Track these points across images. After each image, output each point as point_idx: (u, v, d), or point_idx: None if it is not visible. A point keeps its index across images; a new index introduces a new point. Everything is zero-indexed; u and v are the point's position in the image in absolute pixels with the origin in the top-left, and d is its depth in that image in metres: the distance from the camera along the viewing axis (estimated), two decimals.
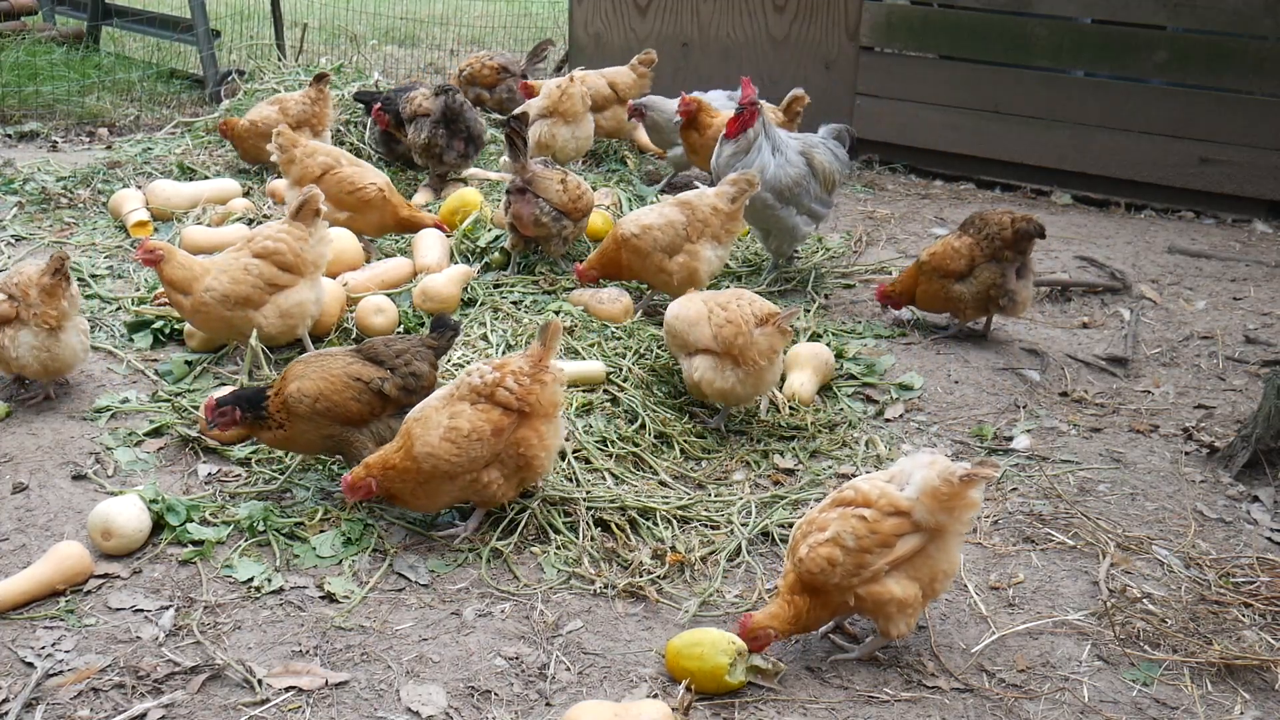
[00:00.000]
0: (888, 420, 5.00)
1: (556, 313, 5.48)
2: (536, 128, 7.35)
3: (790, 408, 4.98)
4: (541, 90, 7.51)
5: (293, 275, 4.96)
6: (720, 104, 7.60)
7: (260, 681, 3.34)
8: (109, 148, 8.42)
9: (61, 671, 3.38)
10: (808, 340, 5.53)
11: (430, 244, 6.00)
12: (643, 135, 8.66)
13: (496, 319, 5.44)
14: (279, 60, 10.15)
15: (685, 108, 7.11)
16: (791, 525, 4.05)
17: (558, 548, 4.03)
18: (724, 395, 4.71)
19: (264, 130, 7.19)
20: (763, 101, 7.43)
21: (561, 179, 5.85)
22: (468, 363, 5.00)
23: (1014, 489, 4.51)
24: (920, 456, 3.41)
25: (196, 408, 4.69)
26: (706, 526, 4.21)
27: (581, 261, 5.79)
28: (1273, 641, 3.65)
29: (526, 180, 5.77)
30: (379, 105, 7.52)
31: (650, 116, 7.72)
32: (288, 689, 3.32)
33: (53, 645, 3.48)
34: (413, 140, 7.18)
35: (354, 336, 5.33)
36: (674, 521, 4.19)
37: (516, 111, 6.13)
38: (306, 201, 5.04)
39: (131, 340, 5.36)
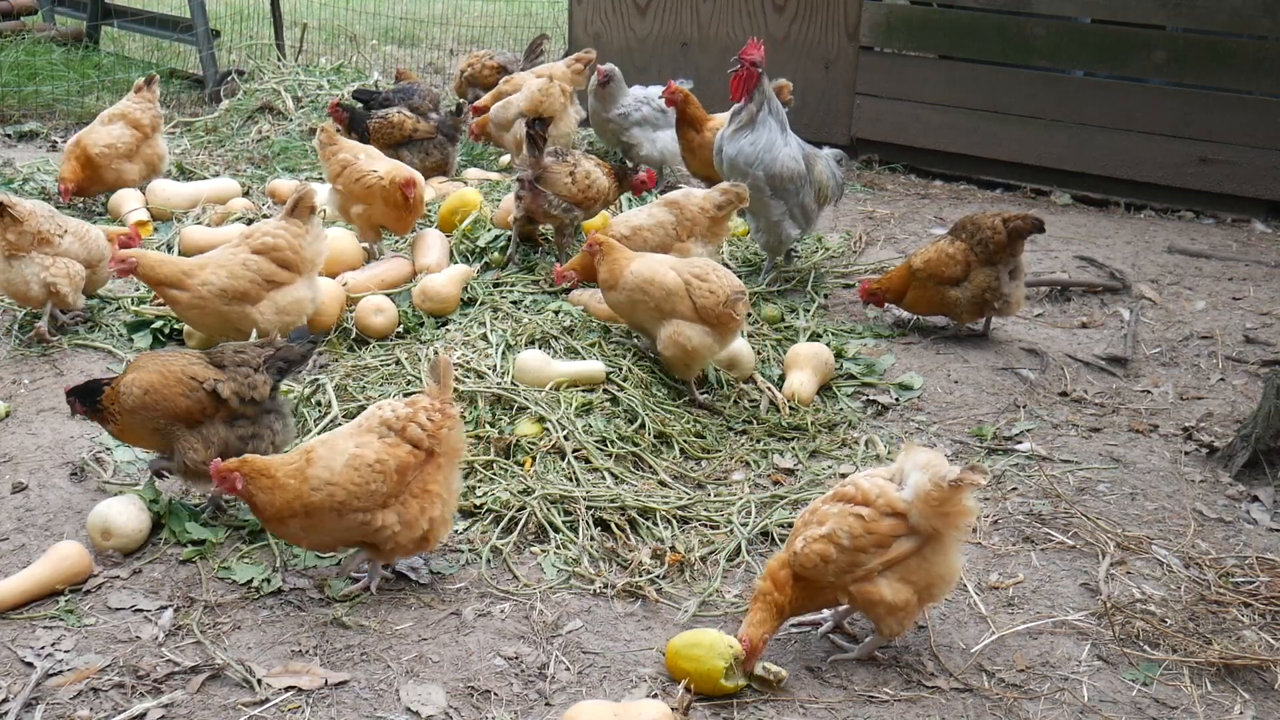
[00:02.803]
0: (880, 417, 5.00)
1: (556, 312, 5.47)
2: (519, 126, 7.42)
3: (790, 408, 4.99)
4: (524, 88, 7.58)
5: (291, 273, 4.96)
6: (650, 98, 7.50)
7: (260, 681, 3.34)
8: None
9: (61, 671, 3.38)
10: (808, 340, 5.54)
11: (430, 244, 5.99)
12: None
13: (496, 319, 5.44)
14: (279, 60, 10.16)
15: (670, 97, 7.08)
16: (791, 526, 4.05)
17: (557, 547, 4.03)
18: (703, 353, 4.90)
19: (121, 151, 6.84)
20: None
21: (570, 171, 5.94)
22: (468, 363, 5.01)
23: (1014, 489, 4.51)
24: (918, 455, 3.40)
25: None
26: (706, 526, 4.21)
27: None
28: (1272, 641, 3.65)
29: (537, 176, 5.89)
30: (336, 102, 7.52)
31: (611, 87, 7.55)
32: (287, 689, 3.32)
33: (52, 645, 3.48)
34: (419, 163, 7.26)
35: (354, 336, 5.34)
36: (674, 521, 4.19)
37: (530, 116, 6.38)
38: (301, 198, 5.02)
39: (131, 340, 5.36)
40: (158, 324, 5.44)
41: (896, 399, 5.18)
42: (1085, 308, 6.26)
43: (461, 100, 7.89)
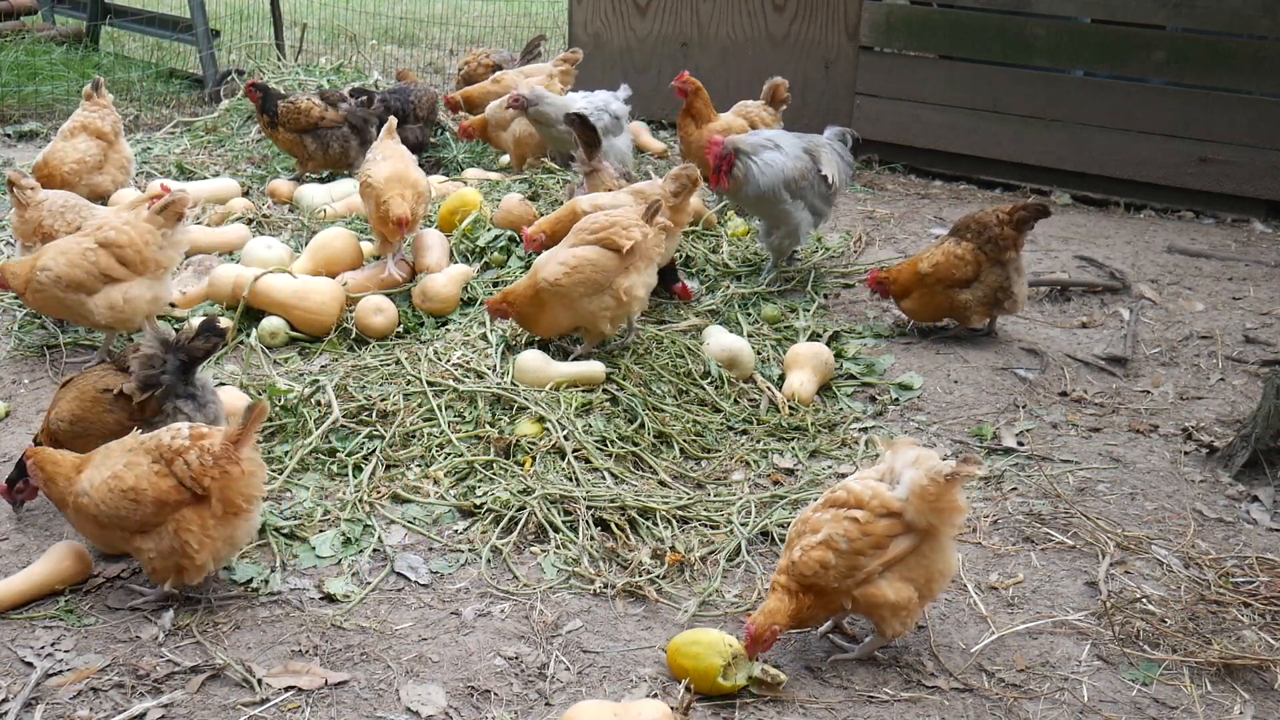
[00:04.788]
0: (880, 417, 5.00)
1: None
2: (516, 125, 7.44)
3: (790, 408, 4.99)
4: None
5: (130, 271, 4.94)
6: (608, 103, 7.30)
7: (260, 681, 3.34)
8: None
9: (61, 671, 3.38)
10: (808, 340, 5.54)
11: (430, 244, 5.99)
12: (644, 134, 8.66)
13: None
14: (278, 60, 10.16)
15: (682, 86, 7.06)
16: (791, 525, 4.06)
17: (557, 547, 4.03)
18: (645, 293, 5.11)
19: (92, 165, 6.69)
20: (747, 101, 7.43)
21: (611, 186, 5.98)
22: (468, 363, 5.01)
23: (1013, 489, 4.51)
24: (907, 453, 3.40)
25: None
26: (706, 526, 4.21)
27: None
28: (1272, 641, 3.65)
29: (588, 172, 6.15)
30: (253, 83, 7.48)
31: (535, 111, 7.22)
32: (287, 689, 3.33)
33: (52, 645, 3.49)
34: (321, 154, 7.28)
35: (354, 336, 5.34)
36: (673, 521, 4.19)
37: (574, 111, 6.45)
38: (172, 203, 4.97)
39: (131, 340, 5.36)
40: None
41: (896, 399, 5.18)
42: (1085, 308, 6.26)
43: (371, 90, 7.83)
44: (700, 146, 6.99)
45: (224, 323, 4.97)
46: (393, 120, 6.24)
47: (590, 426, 4.63)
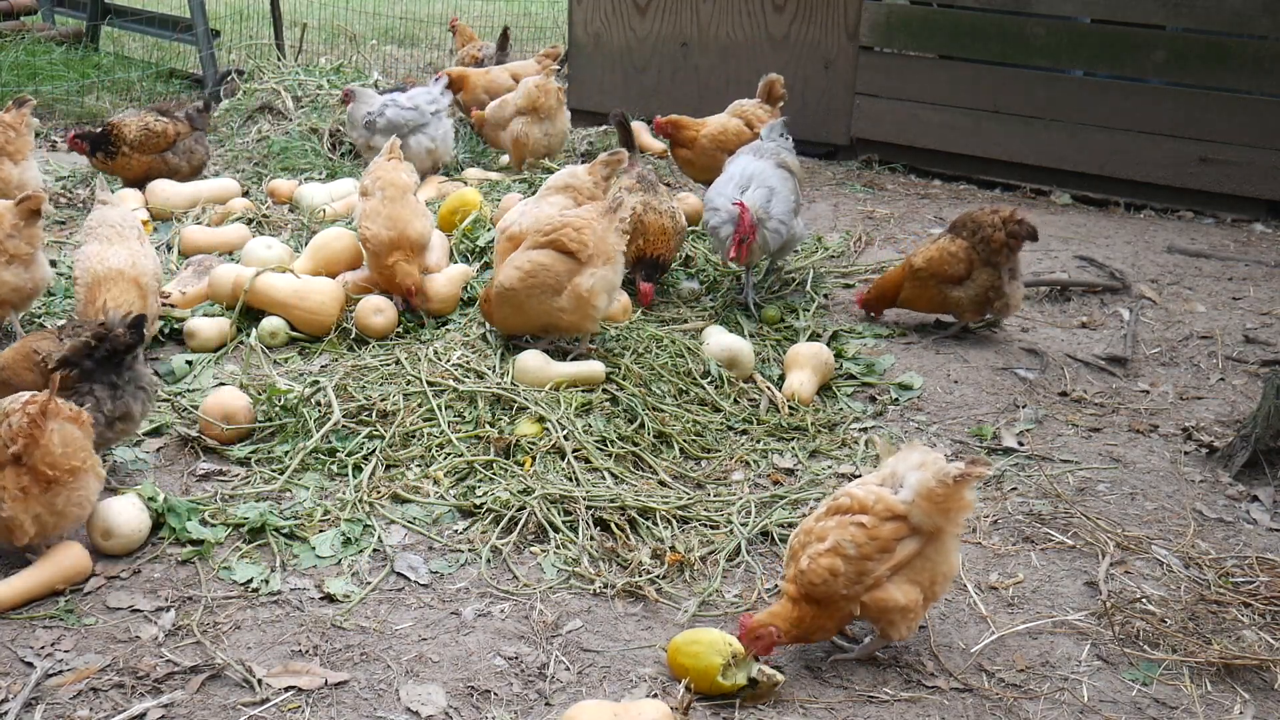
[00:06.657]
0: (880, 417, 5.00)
1: None
2: (514, 124, 7.46)
3: (790, 408, 4.99)
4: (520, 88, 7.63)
5: None
6: (397, 97, 7.34)
7: (260, 681, 3.34)
8: None
9: (61, 671, 3.38)
10: (808, 340, 5.54)
11: (430, 244, 5.98)
12: (644, 135, 8.66)
13: None
14: (278, 60, 10.16)
15: (661, 129, 7.17)
16: (791, 525, 4.06)
17: (557, 547, 4.03)
18: (605, 294, 4.99)
19: None
20: (743, 100, 7.44)
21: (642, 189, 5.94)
22: (468, 363, 5.01)
23: (1013, 489, 4.51)
24: (911, 456, 3.40)
25: (196, 407, 4.69)
26: (706, 526, 4.21)
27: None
28: (1272, 641, 3.65)
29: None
30: (74, 134, 7.29)
31: (349, 109, 7.44)
32: (287, 689, 3.32)
33: (52, 645, 3.48)
34: (185, 166, 7.27)
35: (354, 336, 5.34)
36: (673, 521, 4.19)
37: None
38: (28, 200, 5.06)
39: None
40: (157, 324, 5.43)
41: (896, 399, 5.18)
42: (1085, 308, 6.26)
43: (208, 99, 7.93)
44: (699, 168, 7.05)
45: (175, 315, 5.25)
46: (395, 140, 6.00)
47: (590, 426, 4.63)
